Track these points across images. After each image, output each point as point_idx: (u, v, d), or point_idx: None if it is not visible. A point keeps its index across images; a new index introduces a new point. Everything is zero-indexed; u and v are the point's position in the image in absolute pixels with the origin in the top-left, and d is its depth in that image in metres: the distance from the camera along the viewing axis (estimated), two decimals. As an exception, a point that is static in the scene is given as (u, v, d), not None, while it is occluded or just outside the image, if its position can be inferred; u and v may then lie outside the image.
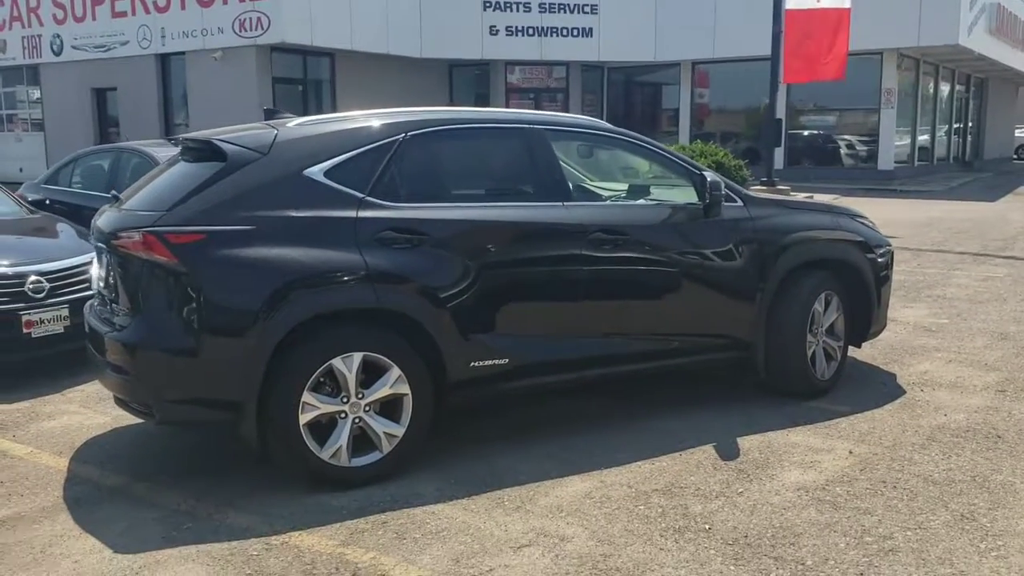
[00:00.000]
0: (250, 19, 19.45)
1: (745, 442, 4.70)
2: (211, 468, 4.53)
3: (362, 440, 4.24)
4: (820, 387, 5.42)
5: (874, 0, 19.44)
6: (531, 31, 22.92)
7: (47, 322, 6.01)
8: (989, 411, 5.16)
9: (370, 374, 4.21)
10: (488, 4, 22.57)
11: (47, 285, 6.05)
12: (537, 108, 24.42)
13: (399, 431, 4.27)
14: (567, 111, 24.45)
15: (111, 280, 4.27)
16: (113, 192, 4.95)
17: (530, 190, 4.70)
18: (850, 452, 4.55)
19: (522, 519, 3.85)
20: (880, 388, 5.65)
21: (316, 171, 4.21)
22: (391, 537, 3.71)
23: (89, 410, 5.52)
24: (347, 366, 4.13)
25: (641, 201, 5.16)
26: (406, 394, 4.26)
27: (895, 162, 23.01)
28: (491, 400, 4.80)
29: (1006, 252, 11.54)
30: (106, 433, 5.11)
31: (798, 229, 5.31)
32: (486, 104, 24.46)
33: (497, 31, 22.73)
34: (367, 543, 3.66)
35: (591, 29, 23.23)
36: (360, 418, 4.20)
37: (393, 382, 4.23)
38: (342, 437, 4.16)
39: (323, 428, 4.15)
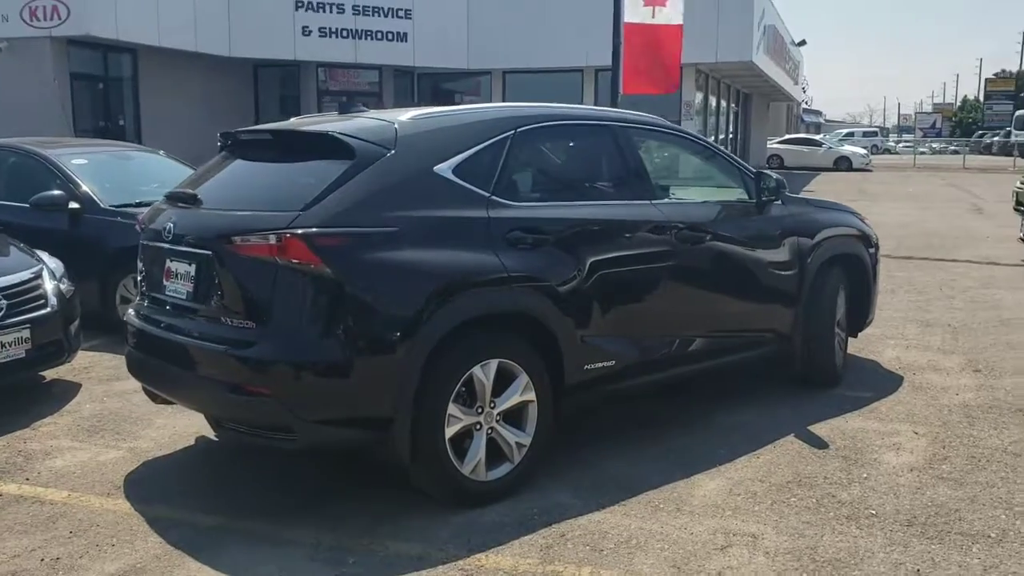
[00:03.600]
0: (44, 7, 17.50)
1: (818, 431, 4.89)
2: (301, 494, 4.09)
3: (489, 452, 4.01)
4: (838, 376, 5.75)
5: (678, 17, 20.70)
6: (345, 33, 22.34)
7: (9, 345, 5.14)
8: (986, 388, 5.69)
9: (497, 382, 3.99)
10: (300, 4, 21.73)
11: (4, 303, 5.18)
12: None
13: (527, 440, 4.08)
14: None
15: (214, 288, 3.73)
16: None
17: (624, 188, 4.65)
18: (915, 433, 4.86)
19: (695, 520, 3.80)
20: (875, 374, 6.08)
21: (445, 168, 3.94)
22: (587, 550, 3.54)
23: (85, 443, 4.80)
24: (485, 374, 3.90)
25: (707, 199, 5.22)
26: (532, 401, 4.08)
27: (690, 170, 24.63)
28: (597, 404, 4.68)
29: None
30: (139, 468, 4.47)
31: (826, 225, 5.61)
32: (296, 107, 23.61)
33: (310, 32, 21.95)
34: (568, 557, 3.47)
35: (406, 34, 23.02)
36: (493, 428, 3.97)
37: (522, 389, 4.04)
38: (481, 450, 3.92)
39: (457, 442, 3.88)
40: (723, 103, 28.90)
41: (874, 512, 3.87)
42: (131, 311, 4.41)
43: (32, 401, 5.55)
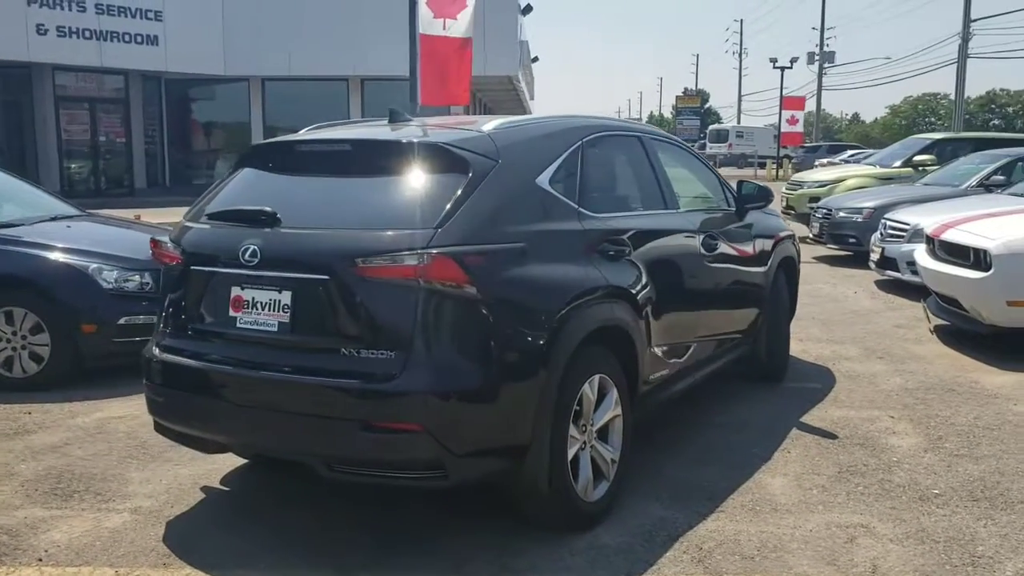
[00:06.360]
0: None
1: (812, 422, 5.20)
2: (387, 535, 3.73)
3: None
4: (785, 371, 6.15)
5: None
6: (88, 34, 20.30)
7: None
8: (904, 373, 6.33)
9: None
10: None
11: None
12: (94, 120, 21.82)
13: (617, 455, 4.01)
14: (129, 124, 22.27)
15: (328, 316, 3.30)
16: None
17: (660, 198, 4.68)
18: (891, 418, 5.32)
19: (801, 518, 3.89)
20: (803, 367, 6.55)
21: (544, 180, 3.77)
22: (736, 559, 3.53)
23: (65, 510, 4.05)
24: (592, 390, 3.79)
25: (692, 207, 5.35)
26: (618, 415, 4.01)
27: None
28: (649, 413, 4.65)
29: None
30: (168, 531, 3.83)
31: (777, 229, 5.99)
32: (28, 114, 21.18)
33: (46, 31, 19.70)
34: (730, 569, 3.45)
35: (156, 37, 21.35)
36: (593, 446, 3.86)
37: (613, 404, 3.96)
38: (589, 469, 3.80)
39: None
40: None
41: (937, 492, 4.19)
42: (155, 350, 3.77)
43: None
